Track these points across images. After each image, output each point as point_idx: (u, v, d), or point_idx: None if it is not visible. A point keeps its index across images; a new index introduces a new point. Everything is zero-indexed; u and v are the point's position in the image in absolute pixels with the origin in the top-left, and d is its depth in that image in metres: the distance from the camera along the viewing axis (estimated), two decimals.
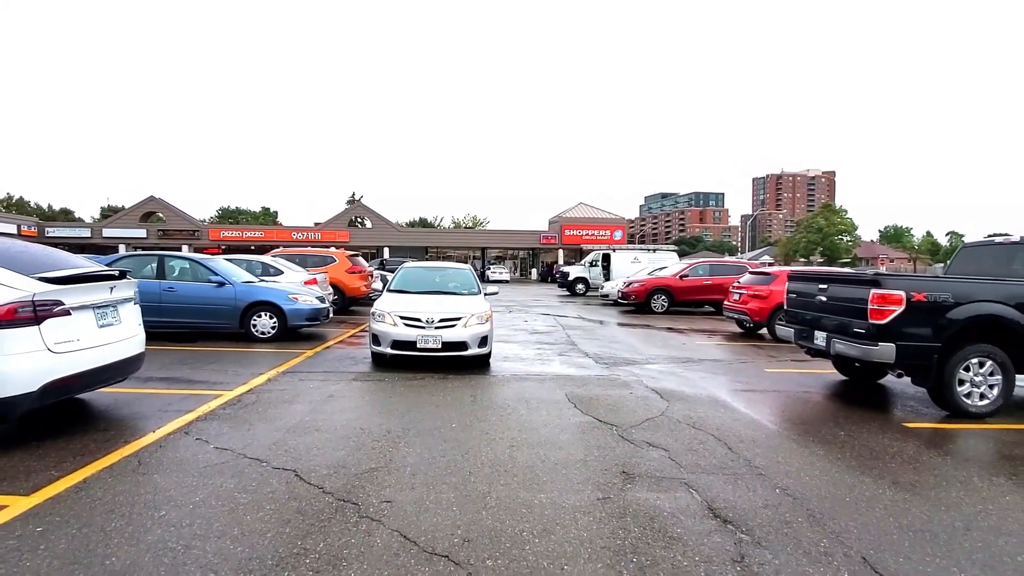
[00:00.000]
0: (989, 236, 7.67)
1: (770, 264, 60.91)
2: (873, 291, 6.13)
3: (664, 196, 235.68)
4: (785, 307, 8.20)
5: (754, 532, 3.37)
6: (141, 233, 48.78)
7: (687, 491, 3.95)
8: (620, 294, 19.60)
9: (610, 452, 4.71)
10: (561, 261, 48.81)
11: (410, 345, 7.67)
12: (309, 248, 19.80)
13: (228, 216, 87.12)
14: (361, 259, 17.23)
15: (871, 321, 6.13)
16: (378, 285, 18.03)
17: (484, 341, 7.99)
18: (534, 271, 57.10)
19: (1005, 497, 4.03)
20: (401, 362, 8.16)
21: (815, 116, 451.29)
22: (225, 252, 33.89)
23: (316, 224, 54.40)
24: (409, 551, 3.05)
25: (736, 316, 13.41)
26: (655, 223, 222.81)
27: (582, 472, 4.26)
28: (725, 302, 14.26)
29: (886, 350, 6.03)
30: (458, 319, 7.80)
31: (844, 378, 8.14)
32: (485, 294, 9.26)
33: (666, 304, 18.39)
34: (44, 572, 2.76)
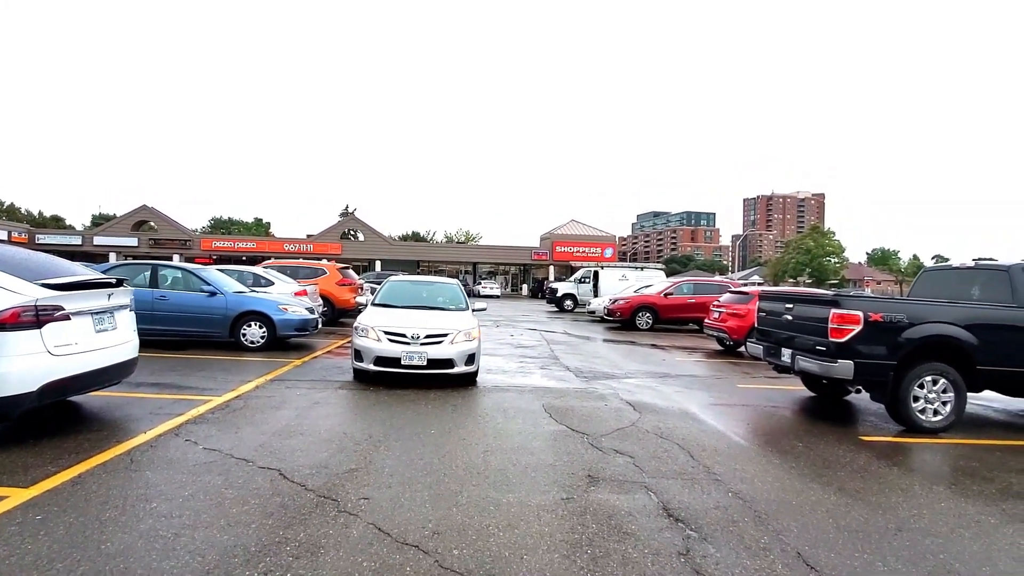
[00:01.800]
0: (976, 258, 8.08)
1: (759, 284, 61.68)
2: (833, 311, 6.50)
3: (656, 215, 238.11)
4: (756, 325, 8.57)
5: (702, 529, 3.67)
6: (132, 242, 48.76)
7: (646, 493, 4.24)
8: (606, 311, 19.95)
9: (579, 458, 5.00)
10: (552, 277, 49.22)
11: (394, 362, 7.44)
12: (301, 260, 20.03)
13: (220, 226, 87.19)
14: (351, 272, 17.52)
15: (831, 339, 6.48)
16: (368, 298, 18.30)
17: (471, 359, 7.81)
18: (525, 287, 57.49)
19: (940, 504, 4.35)
20: (384, 377, 8.03)
21: (807, 139, 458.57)
22: (216, 262, 34.05)
23: (308, 236, 54.58)
24: (383, 541, 3.32)
25: (716, 334, 13.77)
26: (647, 241, 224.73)
27: (550, 475, 4.54)
28: (706, 320, 14.64)
29: (845, 367, 6.38)
30: (445, 335, 7.63)
31: (812, 394, 8.49)
32: (473, 310, 9.13)
33: (651, 321, 18.75)
34: (44, 554, 3.01)
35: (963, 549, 3.57)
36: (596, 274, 29.08)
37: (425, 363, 7.47)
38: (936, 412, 6.47)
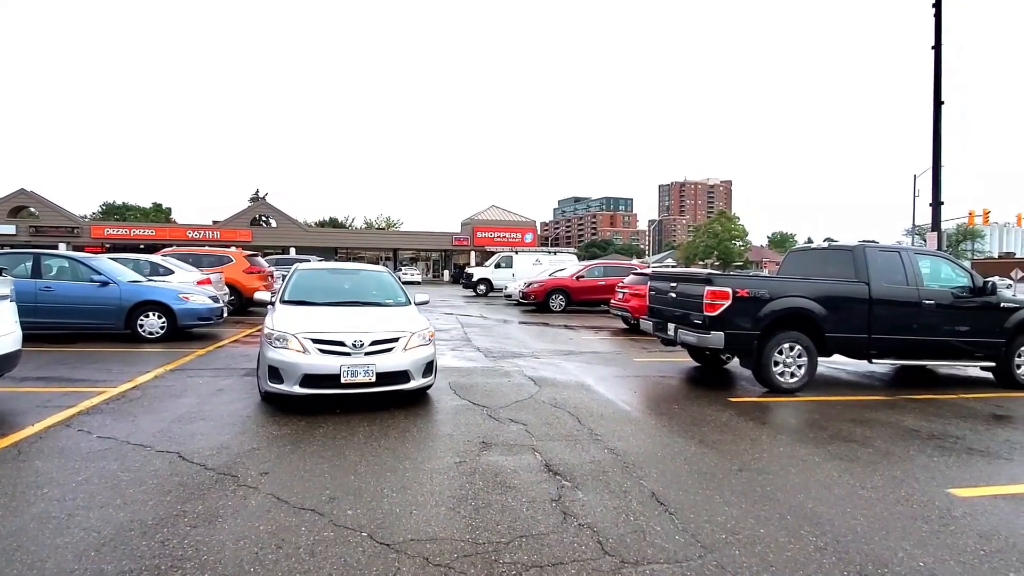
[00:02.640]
0: (827, 239, 9.17)
1: (673, 266, 64.96)
2: (707, 288, 7.27)
3: (577, 200, 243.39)
4: (648, 303, 9.34)
5: (575, 480, 4.17)
6: (10, 229, 44.15)
7: (532, 454, 4.71)
8: (521, 294, 20.56)
9: (476, 428, 5.41)
10: (473, 263, 49.54)
11: (330, 380, 5.59)
12: (206, 248, 19.11)
13: (113, 212, 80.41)
14: (260, 259, 17.02)
15: (705, 313, 7.26)
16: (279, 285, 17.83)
17: (429, 368, 6.22)
18: (446, 273, 57.46)
19: (779, 448, 5.12)
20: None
21: (716, 128, 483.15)
22: (109, 251, 31.61)
23: (215, 222, 51.64)
24: (280, 508, 3.56)
25: (620, 313, 14.67)
26: (568, 226, 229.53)
27: (447, 443, 4.91)
28: (611, 300, 15.53)
29: (717, 338, 7.18)
30: (395, 340, 5.95)
31: (697, 364, 9.38)
32: (416, 303, 7.45)
33: (564, 304, 19.55)
34: None
35: (787, 482, 4.29)
36: (510, 259, 29.67)
37: (374, 379, 5.70)
38: (792, 374, 7.42)
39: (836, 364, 9.55)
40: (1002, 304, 8.07)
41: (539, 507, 3.69)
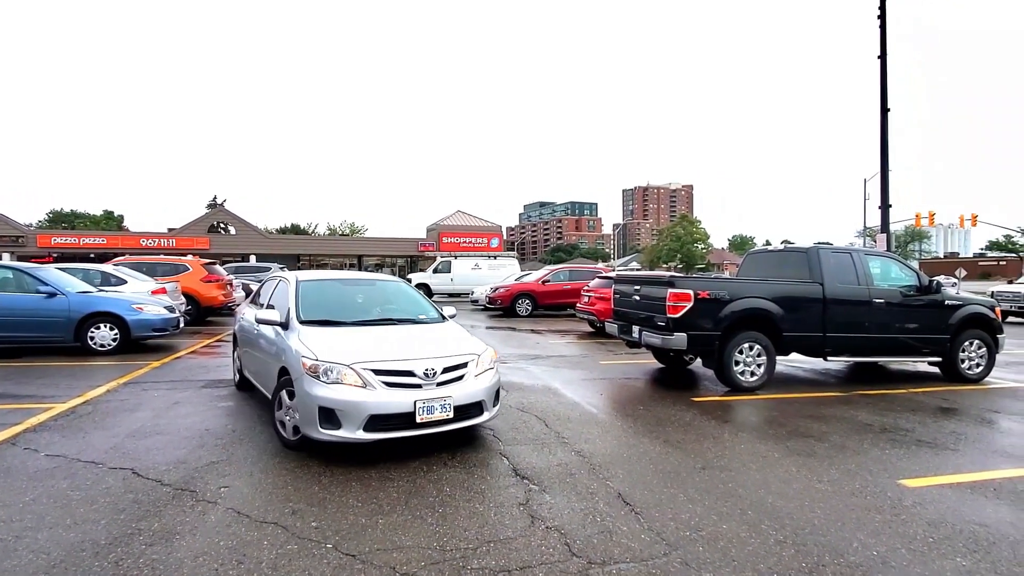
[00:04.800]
0: (784, 242, 9.48)
1: (638, 269, 65.96)
2: (669, 290, 7.42)
3: (542, 205, 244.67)
4: (612, 306, 9.46)
5: (543, 483, 4.19)
6: None
7: (499, 459, 4.71)
8: (488, 299, 20.55)
9: (443, 435, 5.36)
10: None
11: (402, 420, 4.54)
12: (161, 256, 18.46)
13: (61, 220, 77.11)
14: (219, 267, 16.55)
15: (668, 315, 7.40)
16: (240, 294, 17.38)
17: (497, 396, 5.33)
18: (412, 279, 56.97)
19: (741, 446, 5.25)
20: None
21: (678, 134, 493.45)
22: (57, 261, 30.27)
23: (170, 230, 50.09)
24: (241, 522, 3.47)
25: (586, 317, 14.81)
26: (534, 231, 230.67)
27: (414, 451, 4.86)
28: (577, 304, 15.66)
29: (680, 339, 7.32)
30: (464, 365, 5.00)
31: (661, 366, 9.54)
32: (450, 317, 6.39)
33: (530, 308, 19.61)
34: None
35: (748, 478, 4.40)
36: (449, 264, 29.52)
37: (451, 414, 4.73)
38: (752, 373, 7.62)
39: (794, 362, 9.84)
40: (947, 302, 8.46)
41: (507, 511, 3.69)
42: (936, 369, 8.90)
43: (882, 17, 17.83)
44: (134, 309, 9.92)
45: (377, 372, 4.58)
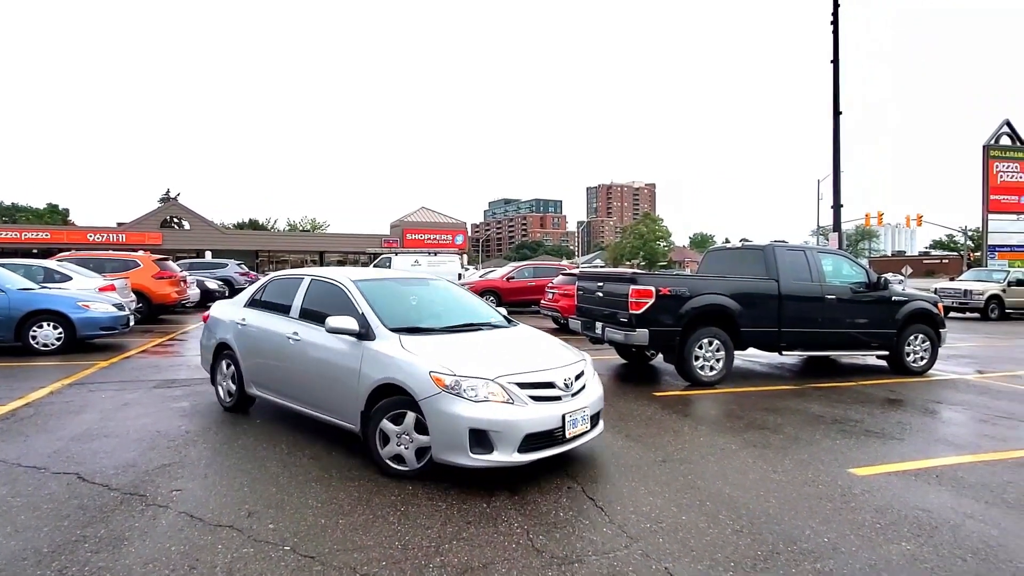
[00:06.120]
0: (742, 239, 9.69)
1: (602, 266, 66.72)
2: (632, 287, 7.52)
3: (507, 202, 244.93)
4: (576, 303, 9.53)
5: (507, 480, 4.18)
6: None
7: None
8: None
9: None
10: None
11: (551, 437, 4.15)
12: (110, 252, 17.66)
13: (1, 214, 73.07)
14: (172, 263, 15.97)
15: (631, 312, 7.50)
16: (195, 291, 16.82)
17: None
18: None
19: (700, 439, 5.36)
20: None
21: (641, 133, 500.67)
22: None
23: (120, 224, 48.16)
24: (194, 526, 3.35)
25: (550, 313, 14.89)
26: (499, 228, 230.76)
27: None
28: (541, 300, 15.74)
29: (642, 334, 7.43)
30: (582, 372, 4.69)
31: (624, 361, 9.67)
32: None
33: (495, 305, 19.57)
34: None
35: (706, 470, 4.50)
36: (389, 259, 29.21)
37: (589, 425, 4.50)
38: (712, 368, 7.80)
39: (750, 357, 10.12)
40: (894, 298, 8.83)
41: (470, 507, 3.68)
42: (883, 362, 9.29)
43: (835, 24, 18.47)
44: (80, 307, 9.48)
45: (521, 386, 4.13)
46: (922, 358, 8.88)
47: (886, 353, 8.91)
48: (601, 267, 61.39)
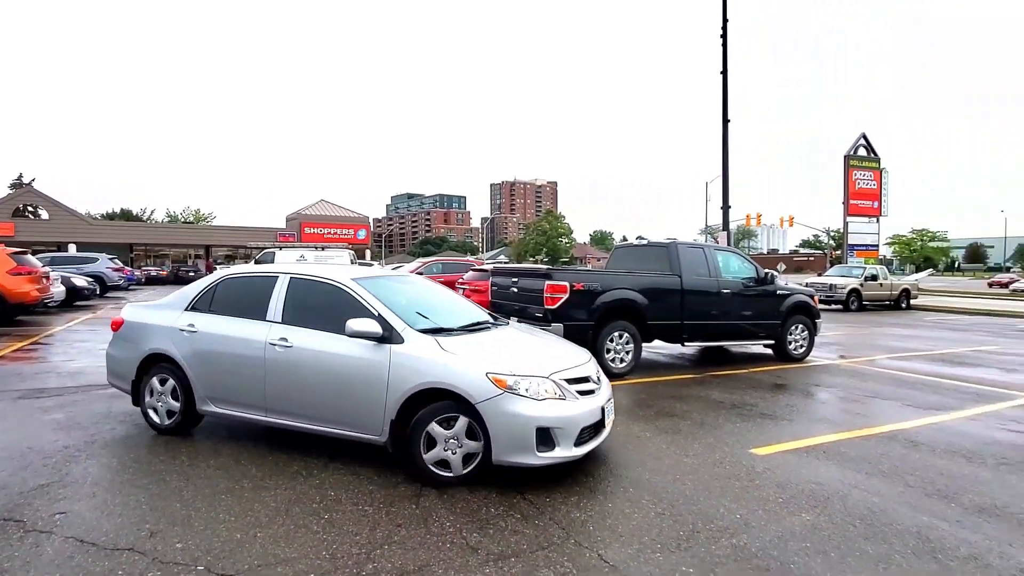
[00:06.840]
0: (639, 236, 10.14)
1: (506, 262, 67.41)
2: (547, 283, 7.67)
3: (411, 196, 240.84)
4: (490, 298, 9.56)
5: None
6: None
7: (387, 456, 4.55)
8: None
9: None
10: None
11: (594, 429, 4.26)
12: None
13: None
14: (31, 257, 14.11)
15: (546, 307, 7.65)
16: (59, 289, 15.01)
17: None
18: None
19: (617, 428, 5.46)
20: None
21: (542, 132, 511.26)
22: None
23: None
24: (87, 552, 2.98)
25: None
26: (402, 223, 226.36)
27: (296, 455, 4.52)
28: None
29: (557, 329, 7.58)
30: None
31: None
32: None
33: None
34: None
35: (626, 458, 4.69)
36: (273, 255, 28.11)
37: (614, 415, 4.74)
38: (622, 360, 8.14)
39: (655, 349, 10.68)
40: (778, 292, 9.69)
41: (399, 512, 3.57)
42: (769, 351, 10.17)
43: (724, 37, 19.90)
44: None
45: (569, 381, 4.22)
46: (802, 346, 9.82)
47: (772, 342, 9.75)
48: (505, 263, 62.02)
